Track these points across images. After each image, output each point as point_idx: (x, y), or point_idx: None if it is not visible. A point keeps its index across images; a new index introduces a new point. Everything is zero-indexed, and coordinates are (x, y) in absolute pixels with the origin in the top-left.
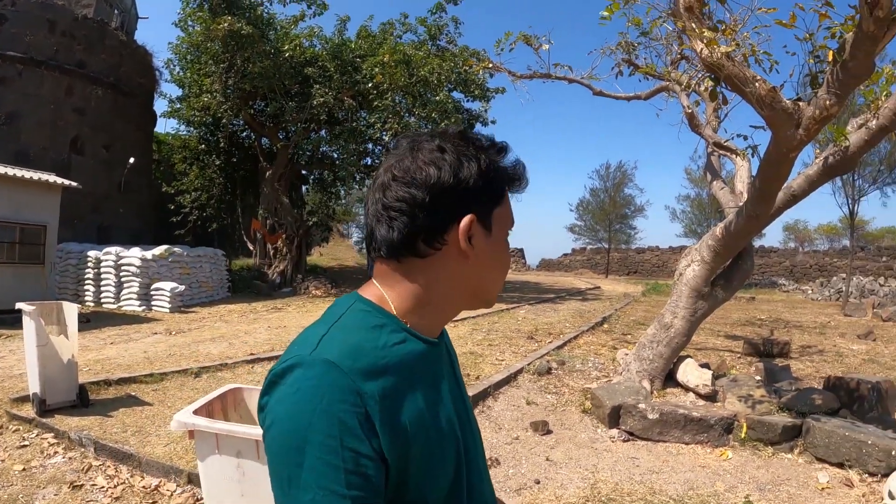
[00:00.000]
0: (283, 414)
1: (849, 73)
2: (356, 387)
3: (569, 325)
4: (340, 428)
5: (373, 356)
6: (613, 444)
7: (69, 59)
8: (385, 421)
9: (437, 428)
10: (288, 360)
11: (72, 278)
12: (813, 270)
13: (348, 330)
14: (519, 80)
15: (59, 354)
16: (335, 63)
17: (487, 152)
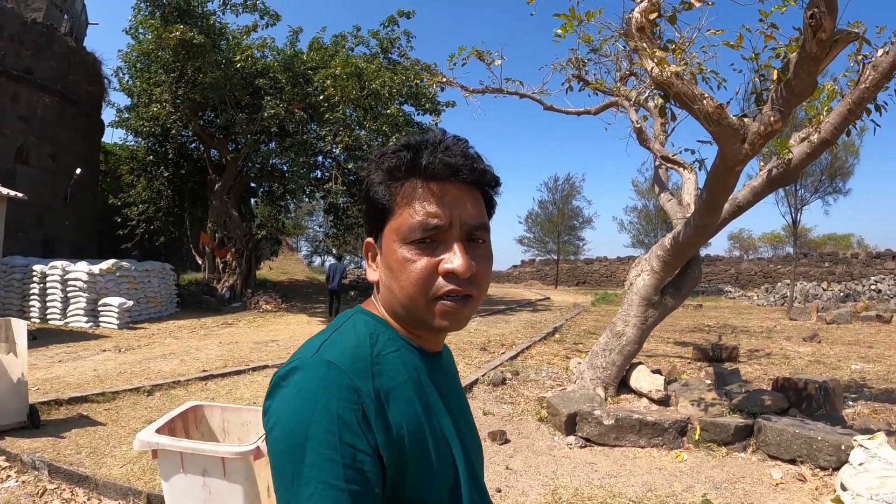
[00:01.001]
0: (285, 414)
1: (792, 91)
2: (354, 385)
3: (521, 335)
4: (339, 424)
5: (369, 360)
6: (571, 451)
7: (16, 64)
8: (381, 419)
9: (435, 436)
10: (290, 364)
11: (16, 293)
12: (758, 277)
13: (347, 336)
14: (471, 94)
15: (8, 373)
16: (286, 75)
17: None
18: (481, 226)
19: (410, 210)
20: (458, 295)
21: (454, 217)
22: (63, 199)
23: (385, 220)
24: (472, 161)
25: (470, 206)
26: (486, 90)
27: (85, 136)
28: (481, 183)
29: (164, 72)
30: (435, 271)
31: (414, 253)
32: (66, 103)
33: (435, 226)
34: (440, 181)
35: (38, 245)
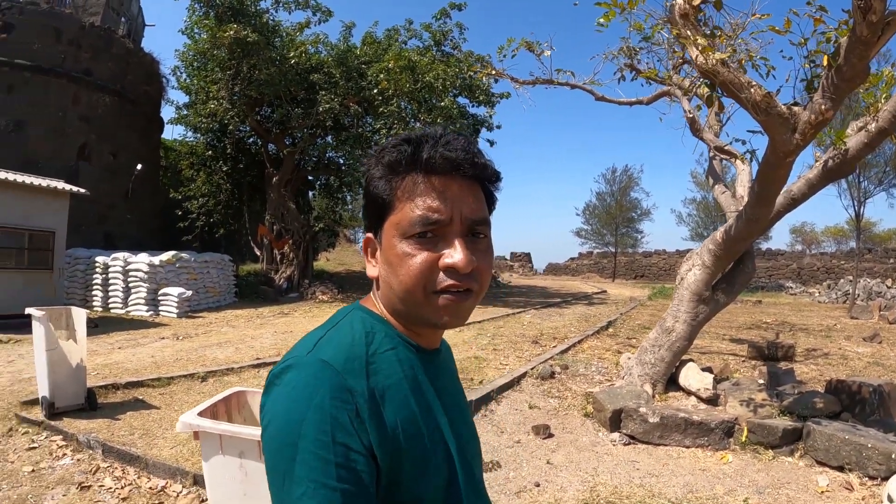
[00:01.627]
0: (278, 411)
1: (843, 77)
2: (348, 384)
3: (574, 329)
4: (332, 423)
5: (364, 358)
6: (614, 448)
7: (76, 66)
8: (375, 419)
9: (431, 434)
10: (285, 362)
11: (80, 283)
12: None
13: (343, 334)
14: (521, 85)
15: (68, 359)
16: (340, 69)
17: (372, 164)
18: (482, 220)
19: (411, 204)
20: (459, 289)
21: (455, 212)
22: (124, 195)
23: (385, 215)
24: (472, 155)
25: (471, 200)
26: (537, 81)
27: (144, 133)
28: (482, 178)
29: (220, 69)
30: (435, 266)
31: (414, 247)
32: (125, 103)
33: (435, 220)
34: (441, 175)
35: (101, 239)
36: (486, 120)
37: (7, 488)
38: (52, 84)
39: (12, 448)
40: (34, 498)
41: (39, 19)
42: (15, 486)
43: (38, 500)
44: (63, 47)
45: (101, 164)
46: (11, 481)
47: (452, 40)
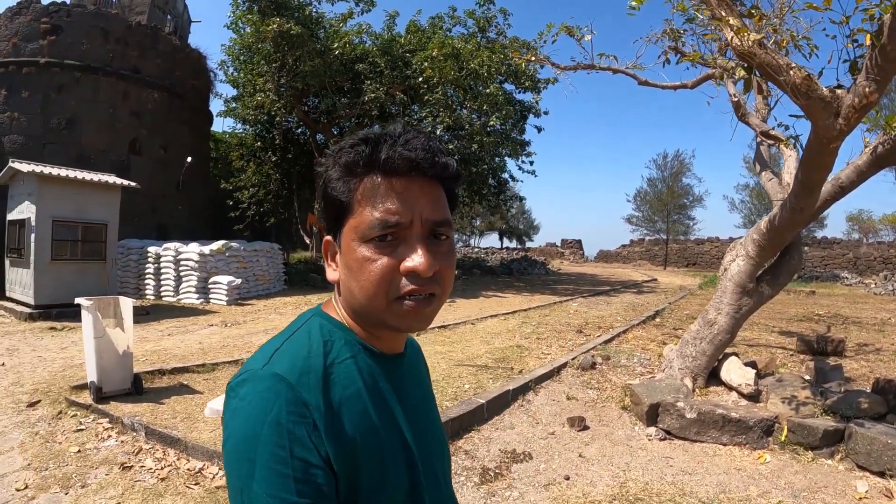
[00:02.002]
0: (235, 427)
1: (887, 58)
2: (303, 399)
3: (620, 318)
4: (290, 438)
5: (320, 370)
6: (649, 443)
7: (124, 64)
8: (331, 432)
9: (392, 443)
10: (241, 375)
11: (133, 273)
12: (877, 263)
13: (300, 345)
14: (563, 71)
15: (115, 346)
16: (385, 59)
17: (329, 165)
18: (444, 221)
19: (369, 207)
20: (421, 294)
21: (415, 213)
22: (175, 187)
23: (344, 218)
24: (432, 155)
25: (431, 201)
26: (578, 67)
27: (193, 127)
28: (442, 177)
29: (266, 62)
30: (396, 270)
31: (374, 252)
32: (174, 97)
33: (395, 223)
34: (400, 176)
35: (153, 230)
36: (533, 106)
37: (53, 467)
38: (101, 82)
39: (61, 430)
40: (78, 476)
41: (87, 20)
42: (61, 465)
43: (82, 478)
44: (111, 46)
45: (151, 157)
46: (58, 461)
47: (497, 26)
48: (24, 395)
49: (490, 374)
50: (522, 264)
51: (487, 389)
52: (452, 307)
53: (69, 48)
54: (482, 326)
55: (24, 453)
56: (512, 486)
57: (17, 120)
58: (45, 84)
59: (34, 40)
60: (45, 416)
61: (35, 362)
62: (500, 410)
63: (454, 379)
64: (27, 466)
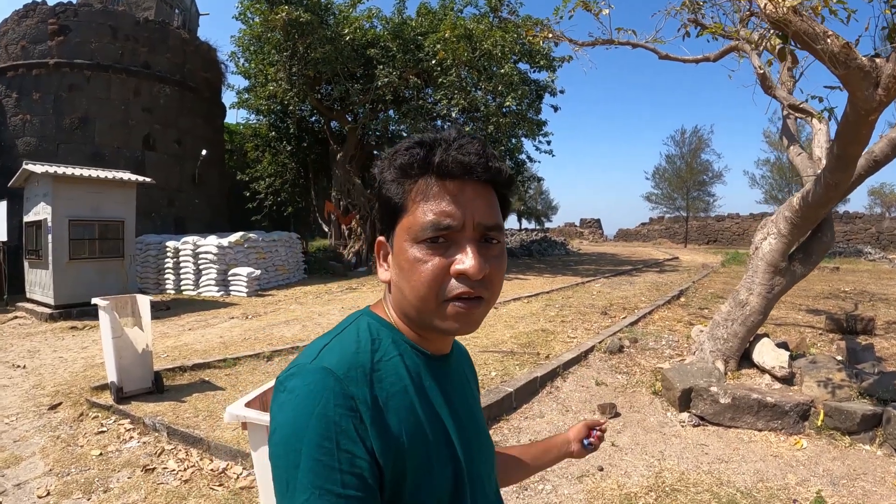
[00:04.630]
0: (282, 420)
1: None
2: (350, 392)
3: (644, 298)
4: (336, 430)
5: (368, 366)
6: (683, 430)
7: (134, 61)
8: (377, 426)
9: (437, 442)
10: (290, 370)
11: (152, 268)
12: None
13: (348, 341)
14: (581, 47)
15: (134, 345)
16: (397, 42)
17: (385, 167)
18: (495, 226)
19: (423, 208)
20: (470, 297)
21: (467, 217)
22: (191, 180)
23: (397, 219)
24: (486, 159)
25: (484, 205)
26: (596, 42)
27: (207, 119)
28: (496, 182)
29: (277, 51)
30: (446, 272)
31: (425, 253)
32: (186, 91)
33: (447, 225)
34: (454, 179)
35: (171, 224)
36: (549, 85)
37: (75, 472)
38: (112, 79)
39: (82, 432)
40: (101, 480)
41: (94, 19)
42: (83, 469)
43: (105, 482)
44: (120, 43)
45: (166, 151)
46: (80, 465)
47: (509, 5)
48: (45, 397)
49: (516, 361)
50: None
51: (514, 376)
52: None
53: (78, 47)
54: (505, 310)
55: (46, 458)
56: (544, 479)
57: (30, 122)
58: (56, 84)
59: (43, 42)
60: (66, 419)
61: (56, 363)
62: (528, 398)
63: (480, 366)
64: (49, 472)
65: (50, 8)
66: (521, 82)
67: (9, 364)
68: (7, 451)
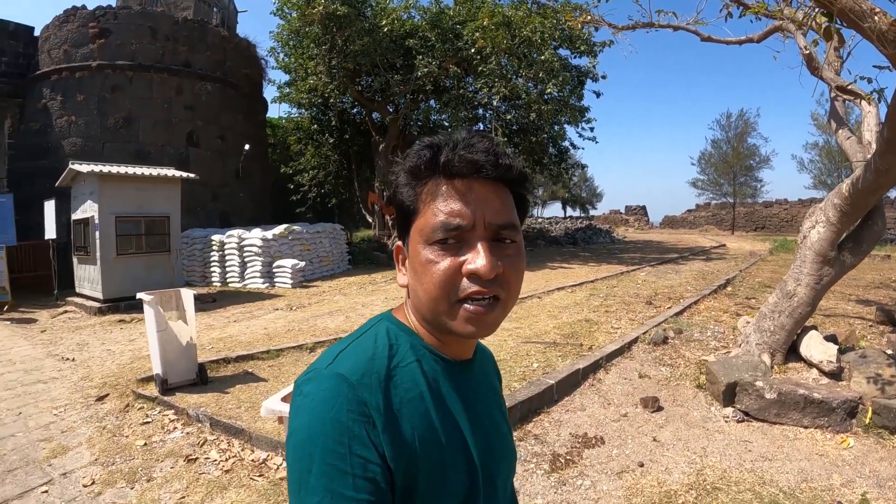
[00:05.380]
0: (297, 424)
1: None
2: (364, 399)
3: (690, 288)
4: (349, 436)
5: (383, 372)
6: (726, 425)
7: (175, 60)
8: (390, 432)
9: (452, 449)
10: (307, 374)
11: (199, 262)
12: None
13: (365, 347)
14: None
15: (179, 338)
16: (435, 32)
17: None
18: (508, 225)
19: (433, 209)
20: (484, 297)
21: (478, 216)
22: (235, 175)
23: (410, 222)
24: (495, 157)
25: (495, 204)
26: (636, 26)
27: (248, 115)
28: (507, 179)
29: (316, 45)
30: (458, 272)
31: (437, 254)
32: (227, 88)
33: (457, 225)
34: (463, 179)
35: (216, 218)
36: (591, 70)
37: (120, 461)
38: (154, 79)
39: (128, 423)
40: (144, 470)
41: (134, 21)
42: (127, 459)
43: (148, 472)
44: (160, 43)
45: (209, 147)
46: (124, 455)
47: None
48: (92, 389)
49: (559, 352)
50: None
51: (556, 368)
52: None
53: (119, 49)
54: (549, 300)
55: (92, 448)
56: (583, 474)
57: (75, 123)
58: (100, 86)
59: (84, 45)
60: (112, 410)
61: (104, 356)
62: (570, 391)
63: (522, 357)
64: (94, 461)
65: (90, 12)
66: (562, 68)
67: (59, 357)
68: (55, 442)
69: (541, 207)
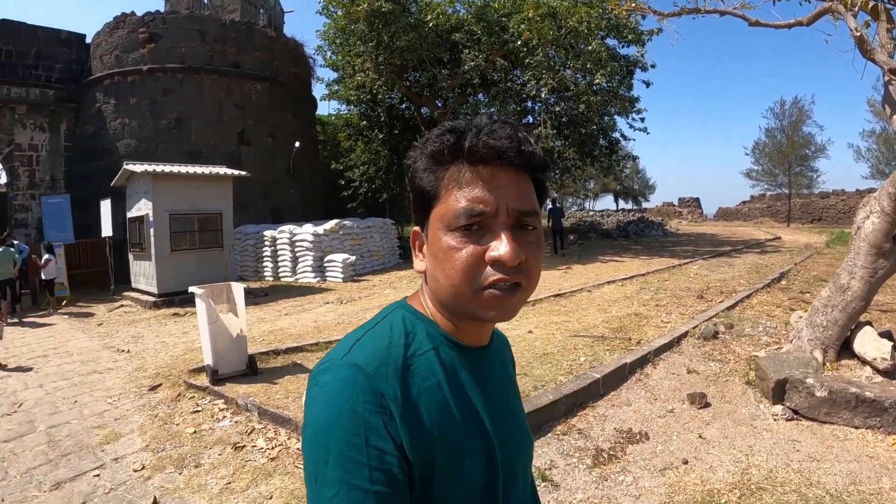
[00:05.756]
0: (314, 415)
1: None
2: (379, 388)
3: (743, 281)
4: (365, 426)
5: (399, 361)
6: (775, 423)
7: (224, 61)
8: (407, 422)
9: (470, 436)
10: (323, 365)
11: (251, 257)
12: None
13: (380, 336)
14: (665, 18)
15: (229, 330)
16: (481, 25)
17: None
18: (530, 212)
19: (455, 196)
20: (506, 284)
21: (501, 202)
22: (286, 172)
23: (430, 208)
24: (518, 143)
25: (518, 191)
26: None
27: (298, 113)
28: (530, 166)
29: (362, 42)
30: (481, 259)
31: (459, 240)
32: (276, 87)
33: (481, 211)
34: (486, 165)
35: (268, 214)
36: (639, 60)
37: (170, 448)
38: (204, 81)
39: (179, 412)
40: (192, 457)
41: (182, 25)
42: (177, 446)
43: (196, 458)
44: (209, 46)
45: (260, 146)
46: (175, 442)
47: None
48: (146, 379)
49: (607, 346)
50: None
51: (604, 362)
52: (569, 274)
53: (169, 53)
54: (599, 293)
55: (144, 435)
56: (626, 470)
57: (129, 125)
58: (151, 88)
59: (135, 50)
60: (164, 399)
61: (158, 347)
62: (616, 385)
63: (570, 351)
64: (145, 448)
65: (139, 18)
66: (610, 58)
67: (114, 349)
68: (108, 429)
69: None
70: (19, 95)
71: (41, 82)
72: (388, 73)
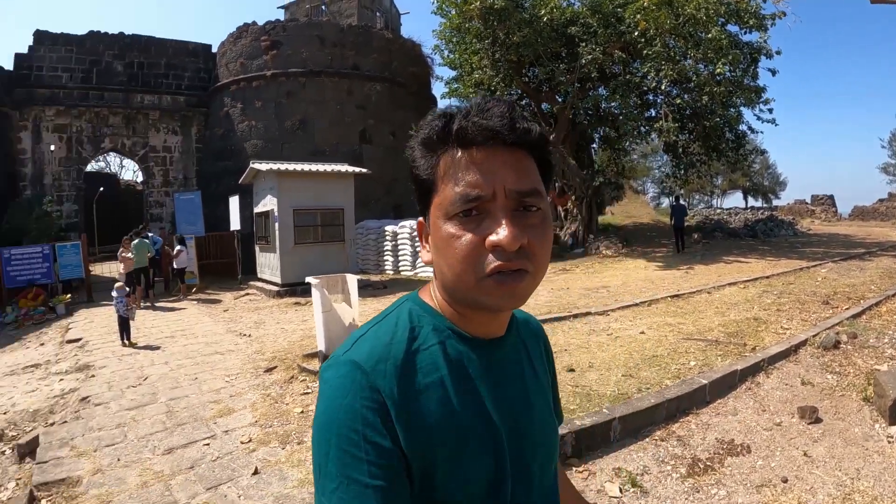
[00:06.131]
0: (318, 410)
1: None
2: (377, 386)
3: (874, 287)
4: (363, 422)
5: (400, 357)
6: (889, 446)
7: (344, 64)
8: (404, 419)
9: (474, 430)
10: (328, 361)
11: (373, 251)
12: None
13: (384, 332)
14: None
15: (342, 318)
16: (596, 17)
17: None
18: (531, 191)
19: (450, 182)
20: (510, 270)
21: (497, 184)
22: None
23: (429, 197)
24: (511, 121)
25: (516, 170)
26: None
27: (418, 111)
28: (528, 144)
29: (478, 40)
30: (482, 246)
31: (458, 228)
32: (395, 87)
33: (476, 196)
34: (479, 147)
35: (390, 210)
36: (763, 46)
37: (277, 425)
38: (325, 83)
39: (290, 392)
40: (297, 434)
41: (302, 31)
42: (284, 423)
43: (300, 436)
44: (328, 50)
45: (381, 144)
46: (282, 420)
47: None
48: (263, 361)
49: (719, 351)
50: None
51: (714, 368)
52: (689, 274)
53: (291, 58)
54: (718, 296)
55: (254, 412)
56: (721, 483)
57: (255, 127)
58: (275, 92)
59: (258, 57)
60: (278, 381)
61: (277, 333)
62: (724, 393)
63: (680, 354)
64: (254, 423)
65: (260, 27)
66: (732, 46)
67: (237, 333)
68: (222, 404)
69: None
70: (152, 102)
71: (172, 90)
72: (506, 70)
